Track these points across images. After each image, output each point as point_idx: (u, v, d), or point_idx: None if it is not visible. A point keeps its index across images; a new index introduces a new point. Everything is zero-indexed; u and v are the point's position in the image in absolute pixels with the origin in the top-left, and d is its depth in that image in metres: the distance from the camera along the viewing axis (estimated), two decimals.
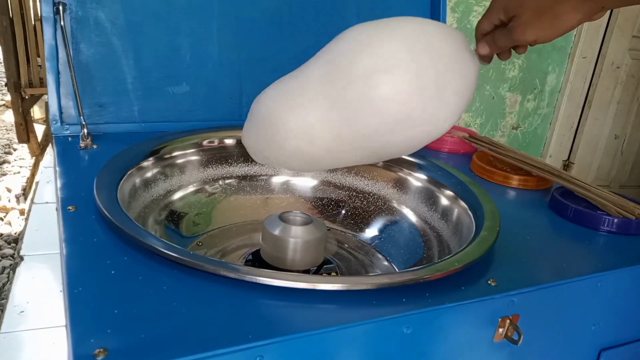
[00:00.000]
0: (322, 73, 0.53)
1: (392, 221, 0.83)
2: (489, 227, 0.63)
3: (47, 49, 0.81)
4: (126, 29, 0.86)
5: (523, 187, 0.85)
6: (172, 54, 0.90)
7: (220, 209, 0.83)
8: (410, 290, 0.51)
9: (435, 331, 0.52)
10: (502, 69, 2.13)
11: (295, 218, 0.68)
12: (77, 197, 0.62)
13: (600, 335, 0.66)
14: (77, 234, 0.55)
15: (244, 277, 0.48)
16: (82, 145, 0.79)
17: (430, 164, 0.83)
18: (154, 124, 0.90)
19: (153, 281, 0.48)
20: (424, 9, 1.08)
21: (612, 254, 0.66)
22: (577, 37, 2.23)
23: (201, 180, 0.83)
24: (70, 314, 0.43)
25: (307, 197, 0.88)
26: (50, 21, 0.81)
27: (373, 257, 0.78)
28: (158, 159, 0.77)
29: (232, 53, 0.94)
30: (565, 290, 0.58)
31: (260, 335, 0.42)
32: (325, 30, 0.99)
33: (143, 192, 0.73)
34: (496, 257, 0.60)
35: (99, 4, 0.83)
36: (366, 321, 0.47)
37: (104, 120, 0.87)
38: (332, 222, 0.85)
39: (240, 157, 0.87)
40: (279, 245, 0.65)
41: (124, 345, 0.40)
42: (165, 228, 0.74)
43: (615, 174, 2.65)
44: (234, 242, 0.78)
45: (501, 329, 0.55)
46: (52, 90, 0.83)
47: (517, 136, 2.36)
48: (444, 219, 0.76)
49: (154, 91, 0.90)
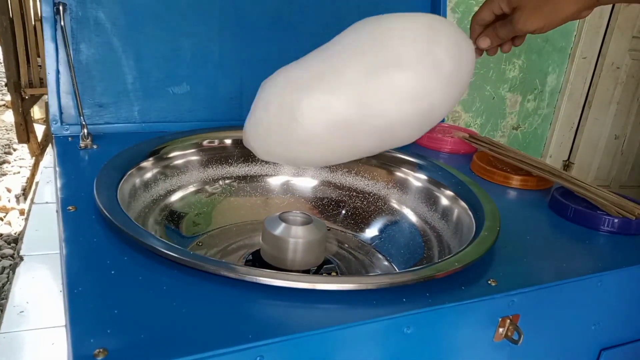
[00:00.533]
0: (344, 57, 0.54)
1: (392, 221, 0.83)
2: (489, 227, 0.63)
3: (47, 49, 0.81)
4: (126, 29, 0.86)
5: (523, 187, 0.85)
6: (172, 54, 0.90)
7: (220, 209, 0.83)
8: (410, 290, 0.51)
9: (435, 331, 0.52)
10: (502, 69, 2.13)
11: (296, 218, 0.68)
12: (77, 197, 0.62)
13: (601, 335, 0.66)
14: (77, 234, 0.55)
15: (244, 277, 0.48)
16: (82, 146, 0.79)
17: (430, 164, 0.83)
18: (154, 124, 0.90)
19: (153, 281, 0.48)
20: (425, 10, 1.09)
21: (612, 254, 0.66)
22: (577, 37, 2.23)
23: (201, 180, 0.83)
24: (70, 314, 0.43)
25: (307, 197, 0.88)
26: (50, 21, 0.80)
27: (373, 257, 0.78)
28: (158, 159, 0.77)
29: (232, 53, 0.94)
30: (565, 290, 0.58)
31: (260, 335, 0.42)
32: (326, 30, 0.99)
33: (143, 192, 0.73)
34: (496, 257, 0.60)
35: (99, 4, 0.83)
36: (366, 321, 0.47)
37: (104, 120, 0.87)
38: (332, 222, 0.85)
39: (240, 157, 0.87)
40: (279, 245, 0.65)
41: (124, 345, 0.40)
42: (165, 228, 0.74)
43: (615, 174, 2.65)
44: (234, 242, 0.78)
45: (501, 328, 0.55)
46: (52, 90, 0.83)
47: (517, 136, 2.36)
48: (444, 219, 0.76)
49: (154, 91, 0.90)
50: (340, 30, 0.56)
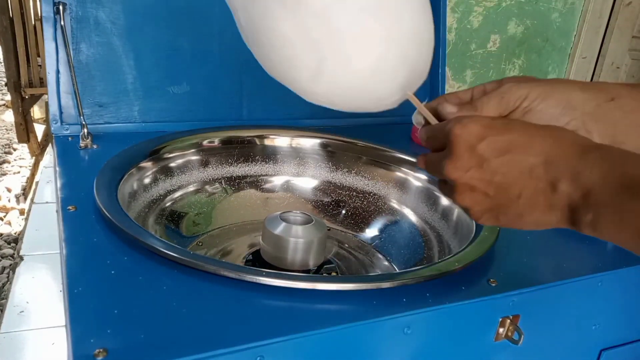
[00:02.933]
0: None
1: (393, 221, 0.83)
2: (489, 227, 0.63)
3: (47, 49, 0.81)
4: (126, 29, 0.86)
5: None
6: (172, 54, 0.90)
7: (220, 209, 0.83)
8: (410, 290, 0.51)
9: (435, 331, 0.52)
10: (502, 69, 2.13)
11: (296, 218, 0.68)
12: (77, 197, 0.62)
13: (601, 335, 0.66)
14: (77, 234, 0.55)
15: (244, 277, 0.48)
16: (82, 145, 0.79)
17: None
18: (154, 124, 0.90)
19: (153, 281, 0.48)
20: None
21: (613, 254, 0.66)
22: (577, 37, 2.23)
23: (201, 180, 0.83)
24: (70, 314, 0.43)
25: (307, 197, 0.88)
26: (50, 21, 0.80)
27: (373, 257, 0.78)
28: (158, 159, 0.77)
29: (232, 53, 0.93)
30: (565, 290, 0.58)
31: (260, 335, 0.42)
32: None
33: (143, 192, 0.73)
34: (496, 257, 0.60)
35: (99, 4, 0.83)
36: (366, 321, 0.47)
37: (104, 120, 0.87)
38: (332, 222, 0.85)
39: (240, 157, 0.87)
40: (279, 245, 0.65)
41: (124, 345, 0.40)
42: (165, 228, 0.74)
43: None
44: (234, 242, 0.77)
45: (501, 329, 0.55)
46: (52, 90, 0.83)
47: None
48: (444, 219, 0.76)
49: (154, 91, 0.90)
50: None
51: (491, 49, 1.97)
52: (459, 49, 1.89)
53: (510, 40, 2.00)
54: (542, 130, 0.40)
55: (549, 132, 0.40)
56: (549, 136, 0.39)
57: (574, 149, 0.38)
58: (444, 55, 1.11)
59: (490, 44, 1.95)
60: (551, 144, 0.38)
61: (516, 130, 0.40)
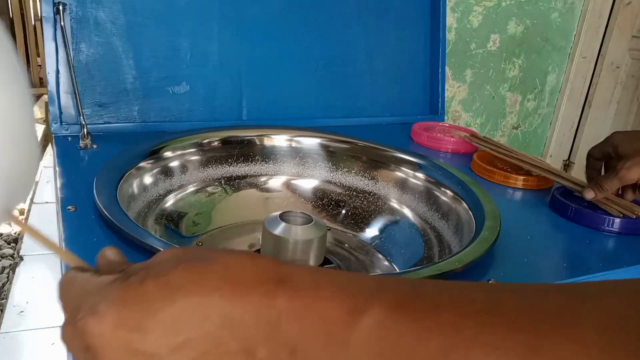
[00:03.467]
0: None
1: (393, 221, 0.83)
2: (489, 227, 0.63)
3: (47, 49, 0.81)
4: (126, 29, 0.86)
5: (523, 187, 0.85)
6: (172, 54, 0.90)
7: (220, 209, 0.83)
8: None
9: None
10: (502, 68, 2.13)
11: (296, 218, 0.68)
12: (77, 197, 0.62)
13: None
14: (77, 234, 0.55)
15: None
16: (81, 145, 0.79)
17: (430, 163, 0.83)
18: (153, 124, 0.90)
19: None
20: (424, 9, 1.08)
21: (613, 254, 0.66)
22: (577, 37, 2.23)
23: (201, 180, 0.83)
24: None
25: (307, 197, 0.88)
26: (50, 21, 0.80)
27: (373, 257, 0.78)
28: (158, 159, 0.77)
29: (232, 53, 0.93)
30: None
31: None
32: (325, 30, 0.99)
33: (143, 192, 0.73)
34: (497, 257, 0.60)
35: (99, 4, 0.83)
36: None
37: (103, 120, 0.87)
38: (332, 222, 0.85)
39: (240, 157, 0.87)
40: (279, 245, 0.65)
41: None
42: (165, 228, 0.74)
43: None
44: (234, 242, 0.77)
45: None
46: (52, 90, 0.83)
47: (517, 136, 2.36)
48: (445, 219, 0.76)
49: (154, 91, 0.90)
50: (340, 29, 0.56)
51: (491, 49, 1.98)
52: (458, 49, 1.89)
53: (510, 40, 2.00)
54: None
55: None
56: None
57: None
58: (444, 55, 1.11)
59: (490, 44, 1.96)
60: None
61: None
